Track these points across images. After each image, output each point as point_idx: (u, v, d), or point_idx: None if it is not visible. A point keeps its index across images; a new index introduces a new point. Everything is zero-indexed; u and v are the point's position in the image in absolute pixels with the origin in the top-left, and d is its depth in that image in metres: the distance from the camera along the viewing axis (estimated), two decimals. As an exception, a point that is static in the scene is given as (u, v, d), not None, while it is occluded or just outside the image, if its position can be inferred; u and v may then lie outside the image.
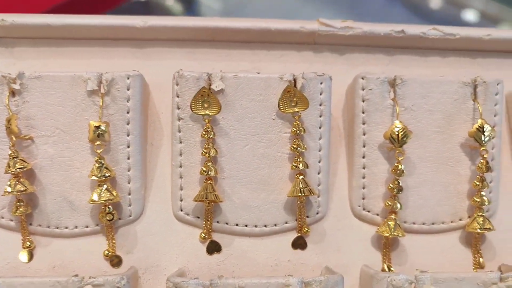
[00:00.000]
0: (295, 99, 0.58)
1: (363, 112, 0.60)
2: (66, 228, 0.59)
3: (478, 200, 0.60)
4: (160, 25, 0.62)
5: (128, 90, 0.58)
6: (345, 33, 0.64)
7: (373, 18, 0.70)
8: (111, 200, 0.57)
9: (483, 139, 0.59)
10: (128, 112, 0.58)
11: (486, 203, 0.60)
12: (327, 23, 0.63)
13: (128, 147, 0.59)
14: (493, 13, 1.08)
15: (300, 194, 0.58)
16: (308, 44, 0.66)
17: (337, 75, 0.63)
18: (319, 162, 0.60)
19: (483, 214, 0.61)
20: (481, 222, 0.60)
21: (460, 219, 0.62)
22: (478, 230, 0.60)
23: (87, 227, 0.59)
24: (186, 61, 0.64)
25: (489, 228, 0.60)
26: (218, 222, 0.60)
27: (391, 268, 0.61)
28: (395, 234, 0.59)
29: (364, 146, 0.61)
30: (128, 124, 0.58)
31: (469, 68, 0.68)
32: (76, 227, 0.59)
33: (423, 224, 0.62)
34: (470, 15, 1.07)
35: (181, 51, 0.64)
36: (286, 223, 0.60)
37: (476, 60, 0.68)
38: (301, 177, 0.58)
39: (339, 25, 0.63)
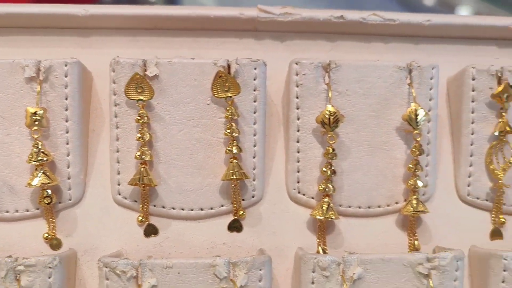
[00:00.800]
0: (227, 84, 0.59)
1: (297, 97, 0.61)
2: (7, 212, 0.60)
3: (412, 183, 0.61)
4: (102, 14, 0.64)
5: (66, 77, 0.59)
6: (284, 19, 0.64)
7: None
8: (48, 183, 0.58)
9: (416, 122, 0.60)
10: (66, 99, 0.60)
11: (421, 186, 0.61)
12: (266, 9, 0.64)
13: (67, 132, 0.60)
14: (486, 11, 1.08)
15: (232, 177, 0.59)
16: (249, 31, 0.67)
17: (278, 62, 0.64)
18: (254, 146, 0.61)
19: (418, 197, 0.61)
20: (415, 205, 0.61)
21: (396, 203, 0.63)
22: (412, 213, 0.61)
23: (27, 210, 0.60)
24: (129, 49, 0.65)
25: (423, 211, 0.61)
26: (155, 205, 0.61)
27: (326, 251, 0.61)
28: (328, 216, 0.60)
29: (298, 131, 0.62)
30: (66, 110, 0.60)
31: (411, 53, 0.68)
32: (16, 211, 0.60)
33: (359, 207, 0.62)
34: (463, 11, 1.07)
35: (124, 39, 0.66)
36: (222, 206, 0.61)
37: (418, 46, 0.69)
38: (234, 161, 0.59)
39: (278, 11, 0.64)
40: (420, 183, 0.61)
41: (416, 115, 0.60)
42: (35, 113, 0.58)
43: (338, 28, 0.66)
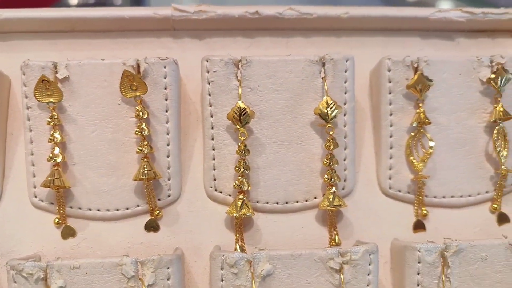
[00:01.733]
0: (134, 83, 0.59)
1: (209, 95, 0.61)
2: None
3: (328, 177, 0.61)
4: (17, 17, 0.64)
5: (-21, 81, 0.60)
6: (199, 17, 0.64)
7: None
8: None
9: (328, 116, 0.60)
10: (-20, 103, 0.60)
11: (336, 180, 0.60)
12: (181, 8, 0.64)
13: (-18, 137, 0.60)
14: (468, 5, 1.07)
15: (143, 177, 0.59)
16: (168, 30, 0.66)
17: (196, 60, 0.64)
18: (168, 145, 0.61)
19: (335, 191, 0.61)
20: (331, 199, 0.60)
21: (315, 198, 0.63)
22: (328, 208, 0.60)
23: None
24: (47, 52, 0.66)
25: (340, 205, 0.60)
26: (71, 207, 0.61)
27: (244, 248, 0.61)
28: (243, 213, 0.59)
29: (212, 128, 0.61)
30: (-19, 114, 0.60)
31: (333, 47, 0.68)
32: None
33: (277, 203, 0.62)
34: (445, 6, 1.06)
35: (42, 42, 0.66)
36: (137, 206, 0.61)
37: (341, 39, 0.68)
38: (145, 160, 0.59)
39: (192, 9, 0.64)
40: (335, 176, 0.60)
41: (328, 109, 0.59)
42: None
43: (255, 24, 0.66)
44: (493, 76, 0.63)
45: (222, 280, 0.56)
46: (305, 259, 0.57)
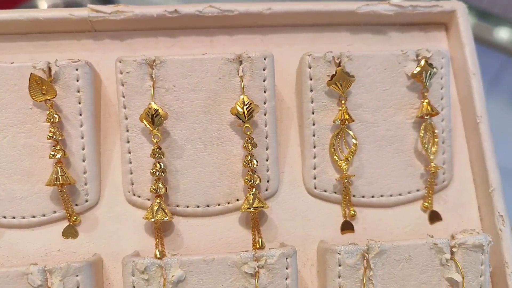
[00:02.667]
0: (44, 87, 0.57)
1: (123, 96, 0.60)
2: None
3: (248, 178, 0.59)
4: None
5: None
6: (117, 17, 0.63)
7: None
8: None
9: (245, 116, 0.58)
10: None
11: (256, 181, 0.59)
12: (97, 9, 0.63)
13: None
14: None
15: (56, 183, 0.57)
16: (88, 32, 0.65)
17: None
18: (83, 149, 0.59)
19: (255, 192, 0.59)
20: (251, 201, 0.58)
21: (237, 200, 0.61)
22: (249, 210, 0.58)
23: None
24: (-32, 56, 0.64)
25: (261, 207, 0.58)
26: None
27: (164, 254, 0.59)
28: (159, 218, 0.58)
29: (127, 131, 0.60)
30: None
31: (259, 45, 0.66)
32: None
33: (197, 206, 0.61)
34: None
35: (-36, 47, 0.64)
36: (54, 212, 0.60)
37: (266, 37, 0.66)
38: (59, 165, 0.58)
39: (110, 10, 0.63)
40: (256, 177, 0.58)
41: (245, 108, 0.57)
42: None
43: (176, 23, 0.64)
44: (418, 70, 0.61)
45: (134, 287, 0.55)
46: (218, 263, 0.55)
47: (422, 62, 0.61)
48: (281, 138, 0.63)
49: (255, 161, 0.59)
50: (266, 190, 0.61)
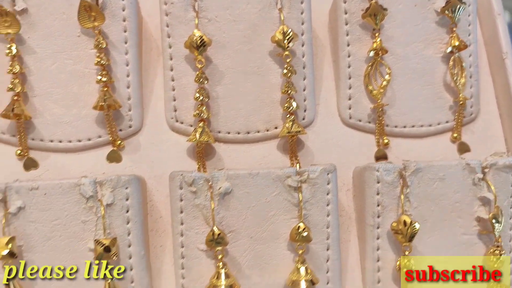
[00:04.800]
0: (92, 14, 0.59)
1: (167, 26, 0.62)
2: None
3: (287, 105, 0.61)
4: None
5: None
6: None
7: None
8: None
9: (285, 43, 0.61)
10: None
11: (295, 107, 0.61)
12: None
13: None
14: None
15: (102, 105, 0.59)
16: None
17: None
18: (128, 76, 0.62)
19: (294, 119, 0.61)
20: (290, 126, 0.61)
21: (276, 127, 0.63)
22: (288, 134, 0.61)
23: None
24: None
25: (299, 131, 0.61)
26: (33, 139, 0.61)
27: (206, 176, 0.61)
28: (202, 139, 0.60)
29: (171, 59, 0.62)
30: None
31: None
32: None
33: (238, 133, 0.63)
34: None
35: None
36: (99, 137, 0.62)
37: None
38: (105, 89, 0.60)
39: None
40: (294, 104, 0.61)
41: (284, 36, 0.60)
42: None
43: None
44: (446, 6, 0.64)
45: (181, 200, 0.57)
46: (263, 177, 0.57)
47: (452, -3, 0.64)
48: (316, 73, 0.65)
49: (293, 87, 0.61)
50: (303, 119, 0.63)
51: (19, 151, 0.62)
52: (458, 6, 0.64)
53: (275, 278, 0.58)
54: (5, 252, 0.54)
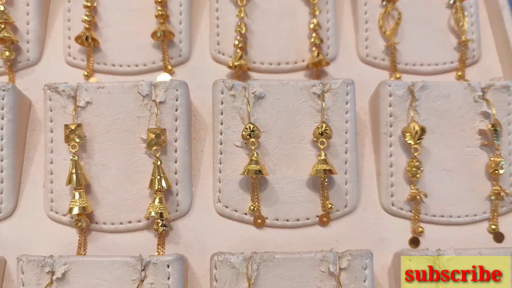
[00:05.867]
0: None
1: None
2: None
3: (313, 40, 0.73)
4: None
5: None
6: None
7: None
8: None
9: None
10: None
11: (320, 42, 0.72)
12: None
13: None
14: None
15: (159, 33, 0.72)
16: None
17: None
18: (180, 14, 0.75)
19: (319, 52, 0.73)
20: (315, 55, 0.72)
21: (303, 60, 0.74)
22: (313, 62, 0.72)
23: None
24: None
25: (323, 60, 0.72)
26: (98, 63, 0.74)
27: (242, 97, 0.72)
28: (240, 63, 0.71)
29: (217, 2, 0.75)
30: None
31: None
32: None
33: (270, 64, 0.74)
34: None
35: None
36: (153, 63, 0.74)
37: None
38: (162, 21, 0.73)
39: None
40: (319, 40, 0.72)
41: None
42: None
43: None
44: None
45: (222, 103, 0.67)
46: (291, 86, 0.68)
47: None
48: (337, 18, 0.77)
49: (319, 26, 0.73)
50: (327, 55, 0.75)
51: (85, 73, 0.74)
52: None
53: (299, 172, 0.66)
54: (77, 140, 0.64)
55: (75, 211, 0.62)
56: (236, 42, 0.72)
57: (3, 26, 0.71)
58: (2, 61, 0.73)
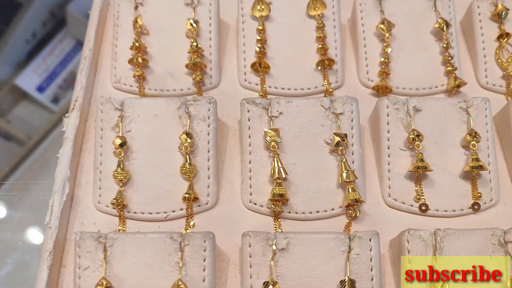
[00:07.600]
0: (316, 4, 0.91)
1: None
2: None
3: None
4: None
5: None
6: None
7: None
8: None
9: None
10: None
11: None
12: None
13: None
14: None
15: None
16: None
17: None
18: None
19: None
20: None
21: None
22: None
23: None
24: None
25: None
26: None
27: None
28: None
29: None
30: None
31: None
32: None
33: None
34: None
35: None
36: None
37: None
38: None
39: None
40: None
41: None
42: None
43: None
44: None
45: (388, 115, 0.83)
46: (441, 103, 0.84)
47: None
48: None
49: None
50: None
51: (261, 93, 0.89)
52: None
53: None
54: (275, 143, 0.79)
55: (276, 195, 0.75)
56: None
57: (196, 55, 0.87)
58: (192, 83, 0.88)
